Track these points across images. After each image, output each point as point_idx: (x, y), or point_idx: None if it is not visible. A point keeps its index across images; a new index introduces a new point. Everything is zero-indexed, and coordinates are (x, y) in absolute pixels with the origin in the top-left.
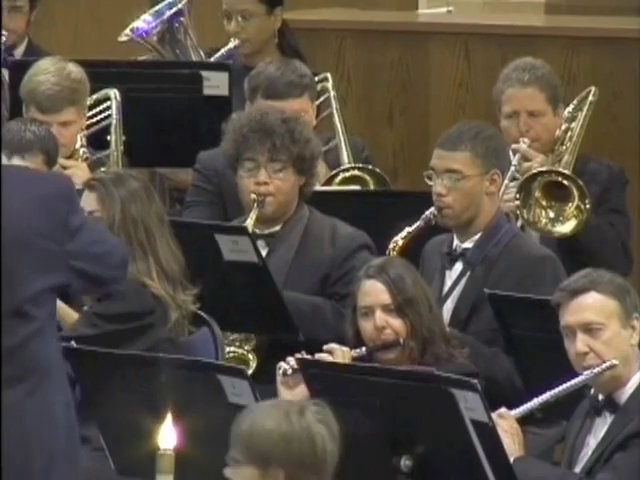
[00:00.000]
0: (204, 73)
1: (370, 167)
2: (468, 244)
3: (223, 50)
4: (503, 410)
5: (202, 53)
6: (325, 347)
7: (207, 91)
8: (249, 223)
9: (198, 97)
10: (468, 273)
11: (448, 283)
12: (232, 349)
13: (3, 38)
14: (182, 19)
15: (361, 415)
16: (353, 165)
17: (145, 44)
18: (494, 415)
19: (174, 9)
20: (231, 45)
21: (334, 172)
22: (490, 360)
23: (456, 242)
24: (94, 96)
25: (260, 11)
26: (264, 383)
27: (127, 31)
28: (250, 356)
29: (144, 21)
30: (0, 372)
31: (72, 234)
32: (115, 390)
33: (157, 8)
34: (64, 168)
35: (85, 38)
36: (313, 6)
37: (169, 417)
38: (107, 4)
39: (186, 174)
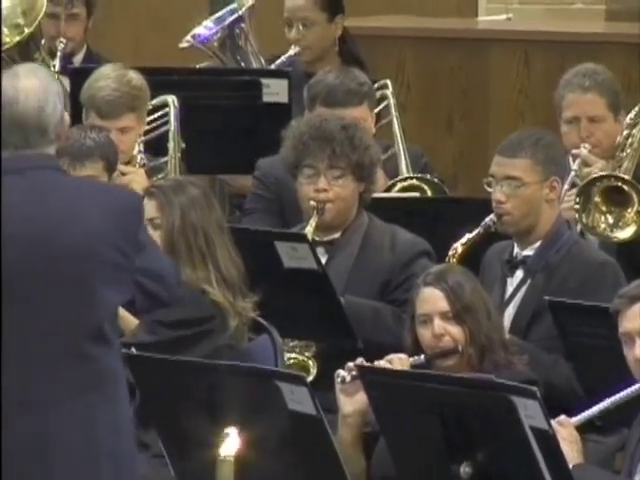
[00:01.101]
0: (264, 80)
1: (428, 177)
2: (529, 251)
3: (284, 57)
4: (562, 418)
5: (263, 60)
6: (384, 359)
7: (267, 98)
8: (309, 230)
9: (258, 104)
10: (529, 281)
11: (509, 290)
12: (292, 356)
13: (61, 45)
14: (243, 26)
15: (420, 422)
16: (411, 175)
17: (206, 50)
18: (553, 422)
19: (235, 15)
20: (292, 52)
21: (392, 182)
22: (550, 367)
23: (517, 249)
24: (152, 102)
25: (321, 19)
26: (323, 390)
27: (188, 37)
28: (310, 362)
29: (205, 27)
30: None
31: (140, 250)
32: (174, 397)
33: (218, 14)
34: (123, 174)
35: (146, 45)
36: (373, 13)
37: (229, 424)
38: (167, 11)
39: (246, 180)
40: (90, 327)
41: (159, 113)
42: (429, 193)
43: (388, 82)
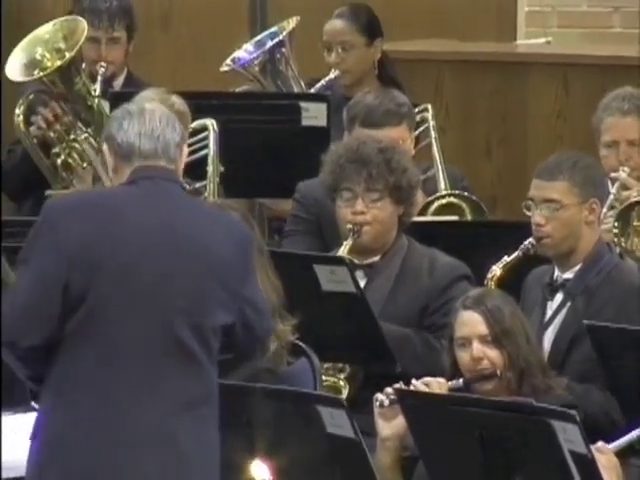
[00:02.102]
0: (303, 104)
1: (466, 194)
2: (569, 274)
3: (323, 81)
4: (600, 444)
5: (303, 84)
6: (422, 380)
7: (306, 122)
8: (342, 252)
9: (297, 128)
10: (568, 304)
11: (549, 314)
12: (325, 378)
13: (102, 69)
14: (284, 50)
15: (459, 446)
16: (449, 192)
17: (247, 74)
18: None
19: (276, 40)
20: (331, 76)
21: (430, 199)
22: (583, 397)
23: (557, 273)
24: (191, 125)
25: (360, 42)
26: (362, 413)
27: (228, 61)
28: (342, 384)
29: (246, 51)
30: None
31: (248, 280)
32: None
33: (259, 38)
34: None
35: (184, 68)
36: (412, 37)
37: (268, 447)
38: (207, 35)
39: (286, 204)
40: (202, 342)
41: (198, 137)
42: (467, 211)
43: (429, 106)
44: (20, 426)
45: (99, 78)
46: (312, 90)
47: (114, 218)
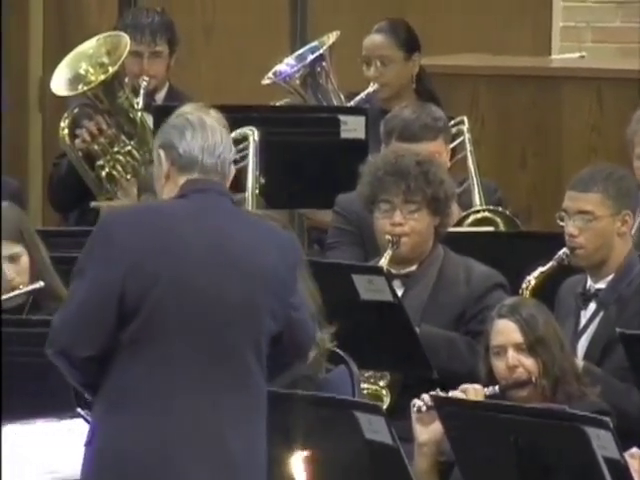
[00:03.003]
0: (342, 117)
1: (500, 209)
2: (601, 284)
3: (362, 94)
4: (634, 450)
5: (342, 97)
6: (459, 389)
7: (344, 134)
8: (383, 262)
9: (336, 140)
10: (601, 313)
11: (582, 323)
12: (366, 385)
13: (144, 83)
14: (324, 64)
15: (494, 452)
16: (484, 207)
17: (287, 87)
18: (625, 455)
19: (316, 54)
20: (370, 89)
21: (465, 213)
22: (623, 394)
23: (590, 282)
24: (232, 135)
25: (399, 57)
26: (399, 419)
27: (270, 74)
28: (384, 392)
29: (287, 64)
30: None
31: (295, 289)
32: None
33: (300, 52)
34: None
35: (227, 82)
36: (449, 52)
37: (304, 455)
38: (248, 48)
39: (324, 214)
40: (254, 352)
41: (238, 147)
42: (501, 225)
43: (465, 119)
44: (67, 432)
45: (141, 92)
46: (351, 103)
47: (168, 232)
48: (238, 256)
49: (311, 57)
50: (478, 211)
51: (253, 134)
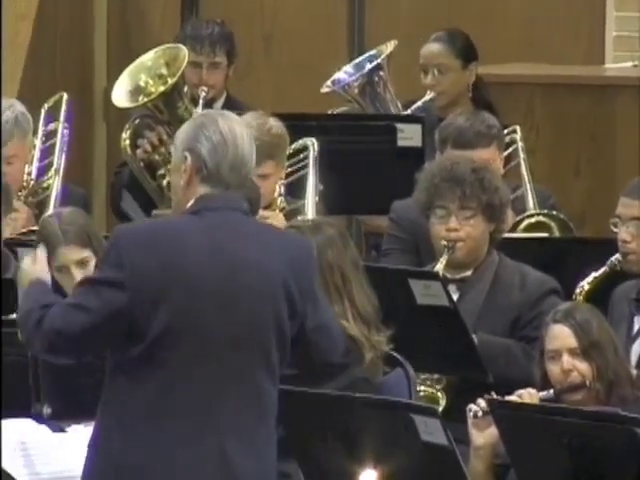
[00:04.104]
0: (398, 125)
1: (554, 213)
2: None
3: (419, 102)
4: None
5: (399, 105)
6: (514, 394)
7: (401, 142)
8: (439, 267)
9: (392, 148)
10: None
11: (636, 328)
12: (423, 388)
13: (203, 93)
14: (382, 73)
15: (549, 454)
16: (538, 211)
17: (346, 95)
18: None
19: (374, 63)
20: (427, 97)
21: (519, 218)
22: None
23: None
24: (293, 146)
25: (456, 66)
26: (455, 421)
27: (329, 83)
28: (440, 395)
29: (345, 73)
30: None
31: (313, 298)
32: (313, 428)
33: (358, 60)
34: (262, 218)
35: (286, 90)
36: (504, 61)
37: (365, 455)
38: (307, 57)
39: (382, 220)
40: (266, 367)
41: (299, 156)
42: (555, 230)
43: (517, 127)
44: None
45: (201, 102)
46: (408, 111)
47: (178, 250)
48: (248, 279)
49: (369, 66)
50: (532, 215)
51: (313, 145)
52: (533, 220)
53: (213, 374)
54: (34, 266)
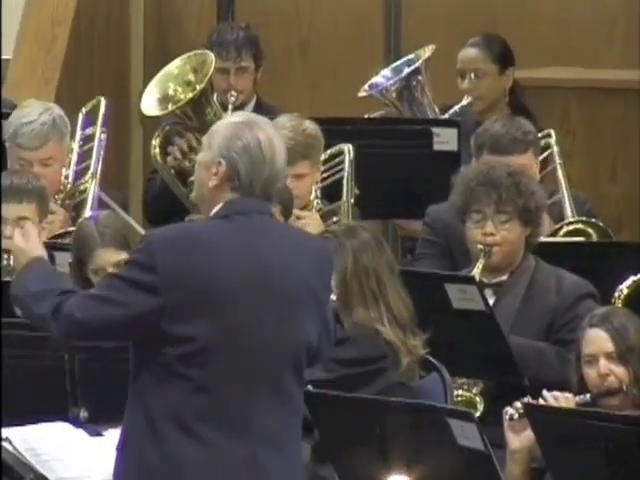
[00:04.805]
0: (434, 129)
1: (593, 220)
2: None
3: (456, 107)
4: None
5: (437, 109)
6: (549, 394)
7: (437, 146)
8: (476, 272)
9: (428, 152)
10: None
11: None
12: (460, 392)
13: (232, 98)
14: (419, 77)
15: (585, 458)
16: (577, 219)
17: (383, 99)
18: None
19: (412, 67)
20: (464, 102)
21: (558, 225)
22: None
23: None
24: (329, 151)
25: (493, 70)
26: (491, 425)
27: (366, 87)
28: (477, 399)
29: (383, 77)
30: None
31: (329, 298)
32: (348, 432)
33: (396, 64)
34: (298, 218)
35: (323, 95)
36: (540, 65)
37: (401, 459)
38: (344, 62)
39: (417, 224)
40: (295, 371)
41: (335, 161)
42: (594, 237)
43: (552, 131)
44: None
45: (230, 107)
46: (445, 116)
47: (211, 254)
48: (277, 283)
49: (407, 70)
50: (571, 222)
51: (349, 150)
52: (572, 227)
53: (244, 376)
54: (27, 243)
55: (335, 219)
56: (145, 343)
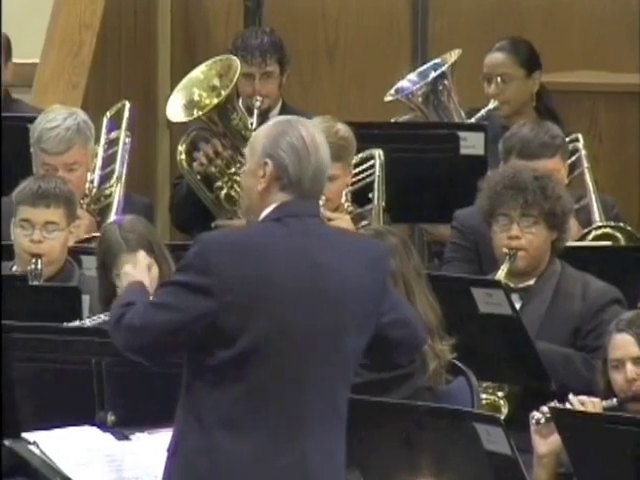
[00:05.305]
0: (461, 133)
1: (622, 225)
2: None
3: (483, 111)
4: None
5: (463, 114)
6: (576, 399)
7: (464, 151)
8: (500, 275)
9: (455, 156)
10: None
11: None
12: (485, 396)
13: (258, 103)
14: (446, 82)
15: (613, 463)
16: (605, 223)
17: (410, 104)
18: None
19: (439, 71)
20: (491, 106)
21: (586, 230)
22: None
23: None
24: (360, 155)
25: (520, 75)
26: (518, 430)
27: (392, 91)
28: (502, 403)
29: (409, 81)
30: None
31: (384, 298)
32: (376, 436)
33: (422, 69)
34: (329, 220)
35: (350, 99)
36: (567, 69)
37: (428, 463)
38: (371, 66)
39: (445, 229)
40: (343, 377)
41: (366, 165)
42: (622, 241)
43: (579, 136)
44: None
45: (255, 112)
46: (472, 120)
47: (266, 258)
48: (330, 287)
49: (433, 74)
50: (599, 227)
51: (379, 155)
52: (600, 232)
53: (296, 380)
54: (134, 270)
55: (364, 223)
56: (200, 347)
